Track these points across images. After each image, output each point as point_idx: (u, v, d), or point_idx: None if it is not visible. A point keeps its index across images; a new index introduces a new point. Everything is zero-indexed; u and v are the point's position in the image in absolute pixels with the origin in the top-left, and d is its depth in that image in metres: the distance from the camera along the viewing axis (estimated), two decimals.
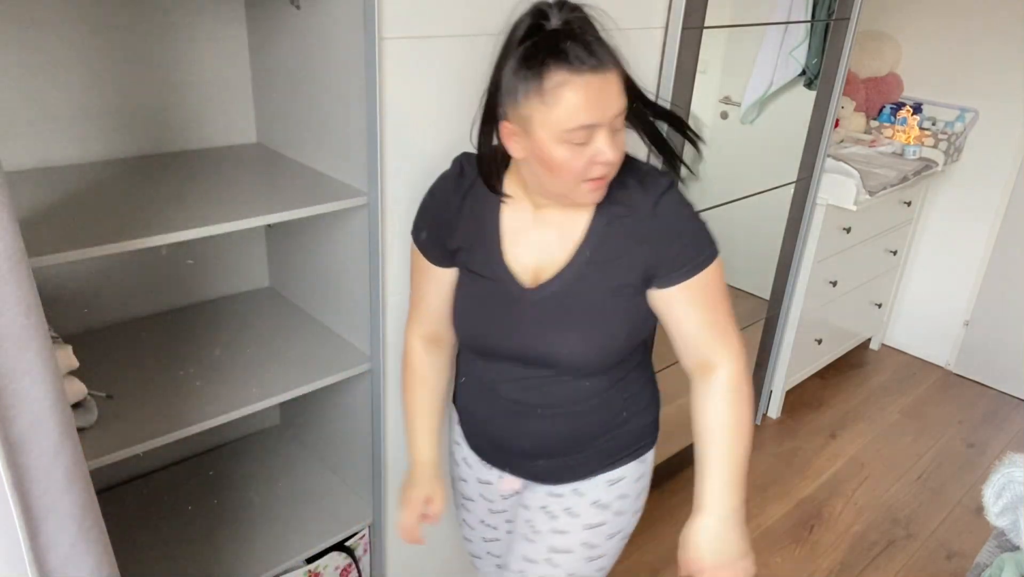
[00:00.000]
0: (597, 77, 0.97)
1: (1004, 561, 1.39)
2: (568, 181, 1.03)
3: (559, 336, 1.13)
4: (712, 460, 1.12)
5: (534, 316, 1.14)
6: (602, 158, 1.00)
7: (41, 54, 1.34)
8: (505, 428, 1.25)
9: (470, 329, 1.22)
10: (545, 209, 1.13)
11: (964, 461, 2.81)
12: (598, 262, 1.11)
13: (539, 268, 1.15)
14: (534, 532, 1.29)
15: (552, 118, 0.97)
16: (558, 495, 1.28)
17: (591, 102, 0.97)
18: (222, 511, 1.63)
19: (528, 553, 1.29)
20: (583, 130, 0.98)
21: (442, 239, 1.20)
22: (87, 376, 1.25)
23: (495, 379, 1.23)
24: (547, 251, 1.14)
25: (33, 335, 0.78)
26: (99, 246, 1.09)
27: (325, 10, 1.34)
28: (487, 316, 1.19)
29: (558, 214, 1.13)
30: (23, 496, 0.80)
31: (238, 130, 1.65)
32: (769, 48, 2.27)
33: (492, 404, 1.25)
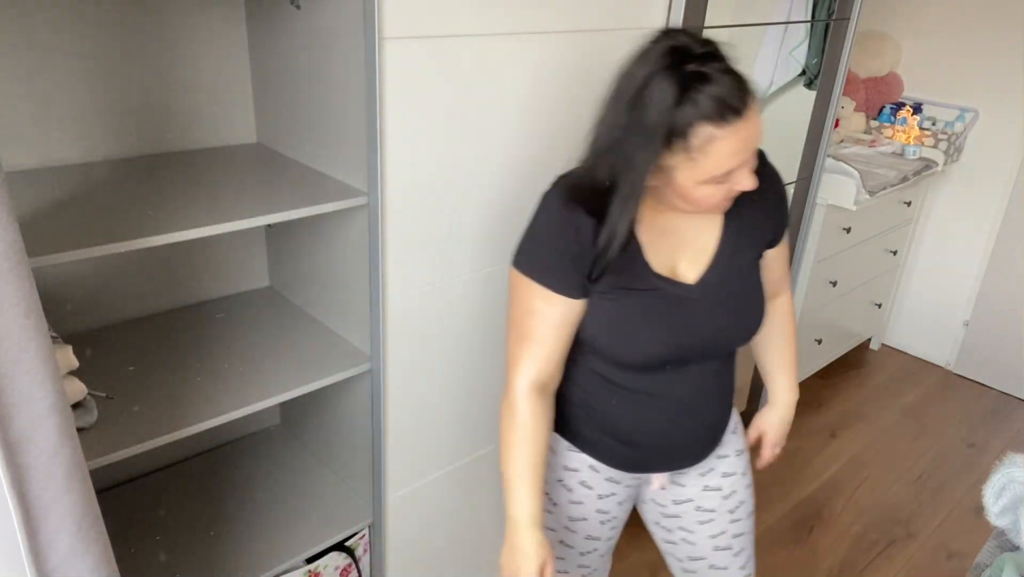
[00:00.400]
0: (742, 122, 0.99)
1: (1004, 561, 1.39)
2: (705, 208, 1.10)
3: (737, 319, 1.21)
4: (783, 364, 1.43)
5: (708, 309, 1.19)
6: (740, 188, 1.06)
7: (41, 54, 1.34)
8: (670, 430, 1.27)
9: (642, 345, 1.18)
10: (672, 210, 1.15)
11: (964, 461, 2.81)
12: (741, 241, 1.21)
13: (689, 264, 1.19)
14: (707, 512, 1.40)
15: (698, 169, 1.02)
16: (709, 469, 1.37)
17: (738, 149, 1.01)
18: (222, 511, 1.63)
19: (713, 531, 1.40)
20: (728, 172, 1.03)
21: (578, 268, 1.14)
22: (87, 376, 1.25)
23: (659, 387, 1.23)
24: (692, 245, 1.19)
25: (33, 335, 0.78)
26: (99, 246, 1.09)
27: (325, 10, 1.34)
28: (658, 325, 1.17)
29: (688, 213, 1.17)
30: (23, 496, 0.80)
31: (238, 130, 1.65)
32: (769, 48, 2.27)
33: (653, 412, 1.25)
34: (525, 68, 1.50)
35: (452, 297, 1.58)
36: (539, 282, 1.15)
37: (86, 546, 0.89)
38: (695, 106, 0.97)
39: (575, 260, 1.13)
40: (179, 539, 1.55)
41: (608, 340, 1.20)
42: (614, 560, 1.57)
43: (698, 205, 1.09)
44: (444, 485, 1.77)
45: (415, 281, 1.49)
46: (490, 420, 1.81)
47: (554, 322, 1.17)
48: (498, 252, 1.63)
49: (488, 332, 1.69)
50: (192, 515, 1.61)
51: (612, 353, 1.21)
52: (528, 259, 1.18)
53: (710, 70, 0.98)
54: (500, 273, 1.66)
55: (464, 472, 1.81)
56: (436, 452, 1.71)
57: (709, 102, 0.97)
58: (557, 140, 1.64)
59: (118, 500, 1.63)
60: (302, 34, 1.42)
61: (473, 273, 1.60)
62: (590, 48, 1.61)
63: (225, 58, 1.57)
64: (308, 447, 1.83)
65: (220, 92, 1.59)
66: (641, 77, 1.01)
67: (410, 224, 1.44)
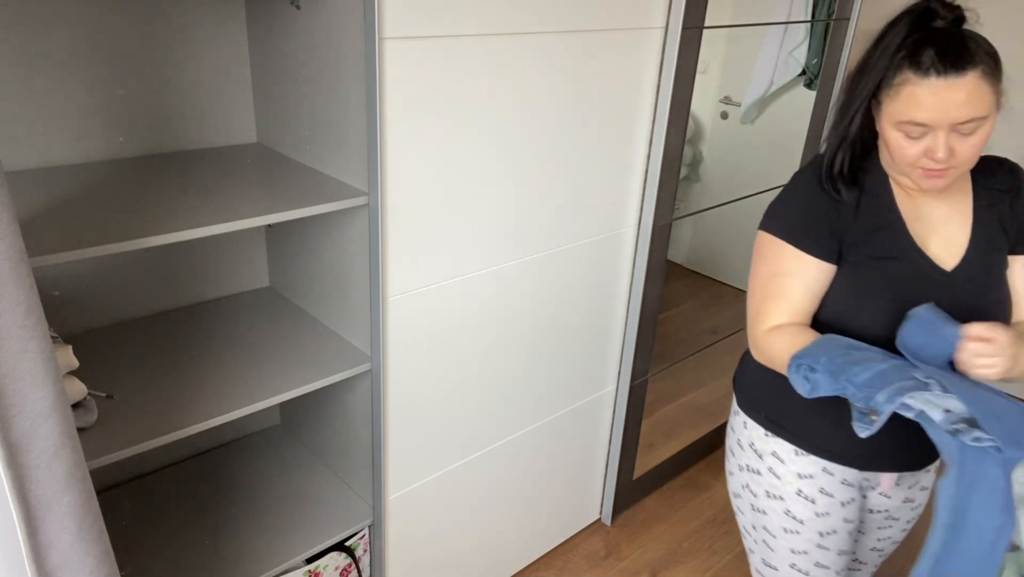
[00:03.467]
0: (942, 82, 1.05)
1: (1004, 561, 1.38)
2: (900, 164, 1.14)
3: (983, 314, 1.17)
4: None
5: (958, 296, 1.18)
6: (932, 155, 1.09)
7: (41, 54, 1.34)
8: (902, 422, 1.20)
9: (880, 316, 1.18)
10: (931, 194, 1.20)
11: None
12: (989, 239, 1.21)
13: (943, 250, 1.21)
14: (892, 520, 1.40)
15: (892, 108, 1.10)
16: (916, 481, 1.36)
17: (927, 104, 1.06)
18: (222, 511, 1.63)
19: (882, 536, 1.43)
20: (916, 126, 1.09)
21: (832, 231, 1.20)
22: (87, 376, 1.25)
23: None
24: (942, 233, 1.21)
25: (33, 335, 0.78)
26: (99, 246, 1.09)
27: (325, 10, 1.34)
28: (905, 302, 1.15)
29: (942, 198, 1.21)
30: (23, 496, 0.80)
31: (238, 130, 1.65)
32: (769, 48, 2.27)
33: None
34: (525, 68, 1.50)
35: (452, 297, 1.58)
36: (792, 243, 1.21)
37: (86, 546, 0.89)
38: (909, 51, 1.08)
39: (828, 223, 1.20)
40: (179, 539, 1.55)
41: (853, 312, 1.20)
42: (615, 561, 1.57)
43: (894, 158, 1.14)
44: (444, 485, 1.77)
45: (415, 281, 1.49)
46: (490, 420, 1.81)
47: (805, 282, 1.21)
48: (498, 252, 1.63)
49: (488, 331, 1.69)
50: (192, 515, 1.61)
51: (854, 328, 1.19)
52: (781, 223, 1.23)
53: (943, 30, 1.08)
54: (500, 273, 1.66)
55: (464, 472, 1.81)
56: (436, 452, 1.71)
57: (919, 52, 1.06)
58: (557, 140, 1.64)
59: (118, 500, 1.63)
60: (302, 34, 1.42)
61: (473, 273, 1.60)
62: (590, 48, 1.61)
63: (225, 58, 1.57)
64: (308, 447, 1.83)
65: (220, 92, 1.59)
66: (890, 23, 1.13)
67: (410, 224, 1.44)
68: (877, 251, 1.19)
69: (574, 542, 2.28)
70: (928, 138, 1.09)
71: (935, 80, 1.05)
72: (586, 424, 2.12)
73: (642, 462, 2.37)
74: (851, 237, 1.19)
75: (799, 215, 1.22)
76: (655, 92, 1.81)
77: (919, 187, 1.17)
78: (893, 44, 1.09)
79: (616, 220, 1.89)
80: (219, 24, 1.54)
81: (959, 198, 1.22)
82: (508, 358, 1.78)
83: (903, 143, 1.11)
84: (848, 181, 1.20)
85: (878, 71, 1.11)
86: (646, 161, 1.88)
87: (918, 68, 1.06)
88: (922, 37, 1.07)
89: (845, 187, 1.20)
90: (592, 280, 1.91)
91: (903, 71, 1.08)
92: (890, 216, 1.20)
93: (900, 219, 1.20)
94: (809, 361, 1.09)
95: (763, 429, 1.33)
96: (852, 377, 1.06)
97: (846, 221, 1.20)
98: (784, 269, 1.21)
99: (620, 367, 2.13)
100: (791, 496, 1.31)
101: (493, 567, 2.07)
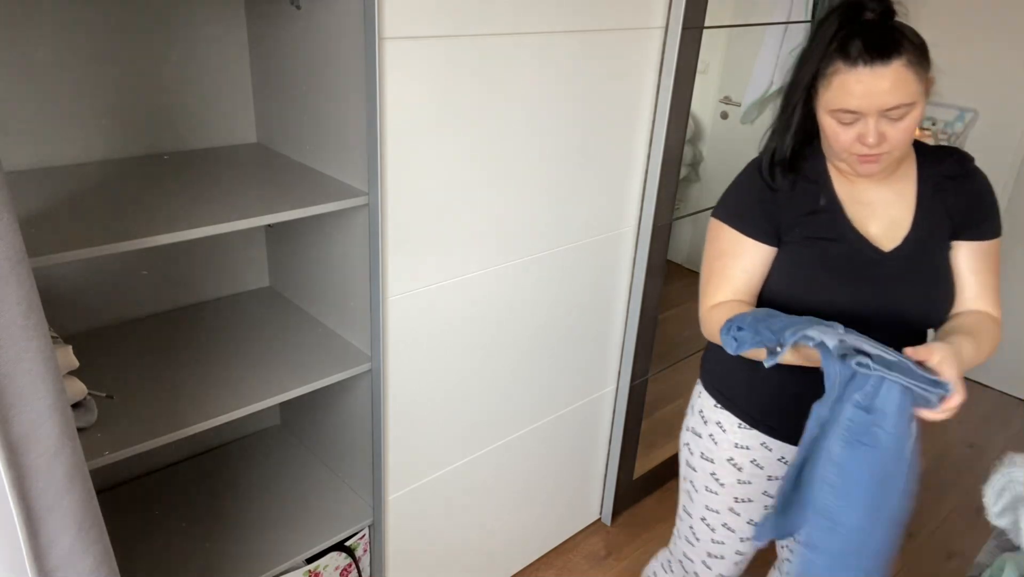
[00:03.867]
0: (869, 71, 1.11)
1: (1004, 561, 1.38)
2: (837, 150, 1.20)
3: (920, 300, 1.23)
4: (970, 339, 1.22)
5: (895, 279, 1.23)
6: (863, 140, 1.15)
7: (41, 54, 1.34)
8: None
9: (819, 294, 1.25)
10: (872, 179, 1.26)
11: (964, 461, 2.81)
12: (932, 224, 1.25)
13: (883, 232, 1.26)
14: None
15: (825, 97, 1.17)
16: None
17: (855, 92, 1.12)
18: (222, 511, 1.63)
19: None
20: (848, 113, 1.15)
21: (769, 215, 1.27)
22: (87, 376, 1.25)
23: None
24: (885, 217, 1.26)
25: (33, 335, 0.78)
26: (99, 246, 1.09)
27: (325, 10, 1.34)
28: (843, 280, 1.24)
29: (885, 184, 1.26)
30: (23, 496, 0.80)
31: (238, 130, 1.65)
32: (769, 48, 2.27)
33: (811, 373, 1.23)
34: (525, 68, 1.50)
35: (452, 297, 1.58)
36: (733, 227, 1.29)
37: (86, 546, 0.89)
38: (839, 43, 1.14)
39: (765, 207, 1.27)
40: (179, 539, 1.55)
41: (790, 291, 1.27)
42: (615, 561, 1.57)
43: (831, 145, 1.21)
44: (444, 485, 1.77)
45: (415, 281, 1.49)
46: (490, 420, 1.81)
47: (744, 262, 1.29)
48: (498, 251, 1.63)
49: (488, 332, 1.69)
50: (192, 515, 1.61)
51: (793, 306, 1.26)
52: (724, 208, 1.32)
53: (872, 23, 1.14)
54: (500, 272, 1.66)
55: (464, 472, 1.81)
56: (436, 452, 1.71)
57: (848, 43, 1.13)
58: (557, 139, 1.64)
59: (118, 500, 1.63)
60: (302, 34, 1.42)
61: (473, 273, 1.60)
62: (590, 48, 1.61)
63: (225, 58, 1.57)
64: (308, 447, 1.83)
65: (220, 92, 1.59)
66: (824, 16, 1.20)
67: (410, 224, 1.44)
68: (813, 232, 1.26)
69: (574, 542, 2.28)
70: (859, 124, 1.15)
71: (863, 69, 1.11)
72: (586, 424, 2.12)
73: (642, 462, 2.37)
74: (787, 220, 1.27)
75: (739, 200, 1.31)
76: (655, 92, 1.81)
77: (856, 172, 1.22)
78: (826, 37, 1.16)
79: (616, 220, 1.89)
80: (219, 24, 1.54)
81: (903, 184, 1.27)
82: (508, 358, 1.78)
83: (837, 129, 1.18)
84: (787, 168, 1.27)
85: (813, 62, 1.17)
86: (646, 161, 1.88)
87: (847, 58, 1.13)
88: (852, 29, 1.14)
89: (782, 173, 1.27)
90: (592, 280, 1.91)
91: (834, 62, 1.14)
92: (828, 199, 1.26)
93: (838, 202, 1.26)
94: (737, 322, 1.16)
95: (714, 400, 1.43)
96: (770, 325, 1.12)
97: (781, 205, 1.27)
98: (727, 250, 1.30)
99: (620, 367, 2.13)
100: (721, 461, 1.43)
101: (493, 567, 2.07)
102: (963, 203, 1.26)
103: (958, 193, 1.26)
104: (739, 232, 1.29)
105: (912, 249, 1.25)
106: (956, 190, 1.26)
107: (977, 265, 1.27)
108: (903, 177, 1.27)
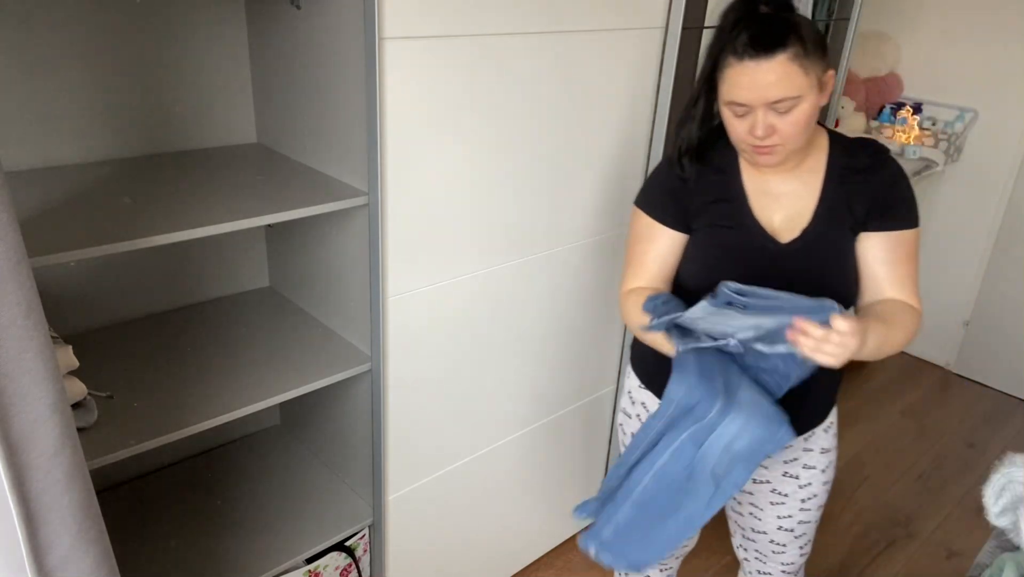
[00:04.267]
0: (754, 64, 1.14)
1: (1004, 561, 1.38)
2: (735, 141, 1.24)
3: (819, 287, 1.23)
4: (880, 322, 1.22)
5: (791, 268, 1.26)
6: (753, 131, 1.19)
7: (41, 54, 1.34)
8: None
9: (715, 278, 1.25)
10: (780, 171, 1.28)
11: (964, 461, 2.81)
12: (836, 219, 1.27)
13: (785, 224, 1.28)
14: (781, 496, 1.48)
15: (721, 90, 1.21)
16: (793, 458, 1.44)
17: (742, 85, 1.16)
18: (222, 511, 1.63)
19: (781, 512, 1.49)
20: (738, 106, 1.18)
21: (679, 203, 1.32)
22: (87, 376, 1.25)
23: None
24: (789, 209, 1.28)
25: (33, 335, 0.78)
26: (99, 246, 1.09)
27: (325, 10, 1.34)
28: (737, 268, 1.26)
29: (793, 176, 1.28)
30: (23, 496, 0.80)
31: (238, 130, 1.65)
32: None
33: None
34: (525, 68, 1.50)
35: (452, 297, 1.58)
36: (647, 213, 1.36)
37: (86, 546, 0.89)
38: (732, 36, 1.17)
39: (674, 195, 1.33)
40: (179, 539, 1.55)
41: (696, 276, 1.33)
42: None
43: (730, 135, 1.24)
44: (444, 485, 1.77)
45: (415, 281, 1.49)
46: (490, 420, 1.81)
47: (656, 248, 1.35)
48: (498, 251, 1.63)
49: (488, 332, 1.69)
50: (192, 515, 1.61)
51: (699, 290, 1.28)
52: (641, 196, 1.39)
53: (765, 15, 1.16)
54: (500, 272, 1.66)
55: (464, 472, 1.81)
56: (436, 452, 1.71)
57: (739, 36, 1.15)
58: (557, 139, 1.64)
59: (118, 500, 1.63)
60: (302, 34, 1.42)
61: (473, 273, 1.60)
62: (590, 48, 1.61)
63: (225, 58, 1.57)
64: (308, 447, 1.83)
65: (220, 92, 1.59)
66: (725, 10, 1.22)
67: (410, 224, 1.44)
68: (716, 220, 1.30)
69: (574, 542, 2.28)
70: (750, 116, 1.18)
71: (748, 62, 1.14)
72: (586, 424, 2.12)
73: None
74: (694, 208, 1.32)
75: (654, 189, 1.37)
76: (655, 92, 1.81)
77: (754, 162, 1.26)
78: (725, 30, 1.18)
79: (616, 220, 1.89)
80: (219, 24, 1.54)
81: (810, 176, 1.29)
82: (508, 358, 1.78)
83: (732, 121, 1.21)
84: (694, 158, 1.31)
85: (712, 56, 1.21)
86: (646, 160, 1.88)
87: (735, 52, 1.16)
88: (745, 23, 1.16)
89: (689, 163, 1.31)
90: (592, 280, 1.91)
91: (726, 55, 1.17)
92: (733, 189, 1.30)
93: (742, 192, 1.30)
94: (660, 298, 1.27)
95: (639, 381, 1.48)
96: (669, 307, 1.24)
97: (689, 193, 1.32)
98: (642, 236, 1.37)
99: (620, 367, 2.13)
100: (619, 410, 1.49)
101: (493, 567, 2.07)
102: (870, 195, 1.26)
103: (866, 184, 1.27)
104: (652, 219, 1.35)
105: (809, 241, 1.27)
106: (864, 182, 1.27)
107: (890, 256, 1.27)
108: (811, 169, 1.29)
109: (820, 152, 1.29)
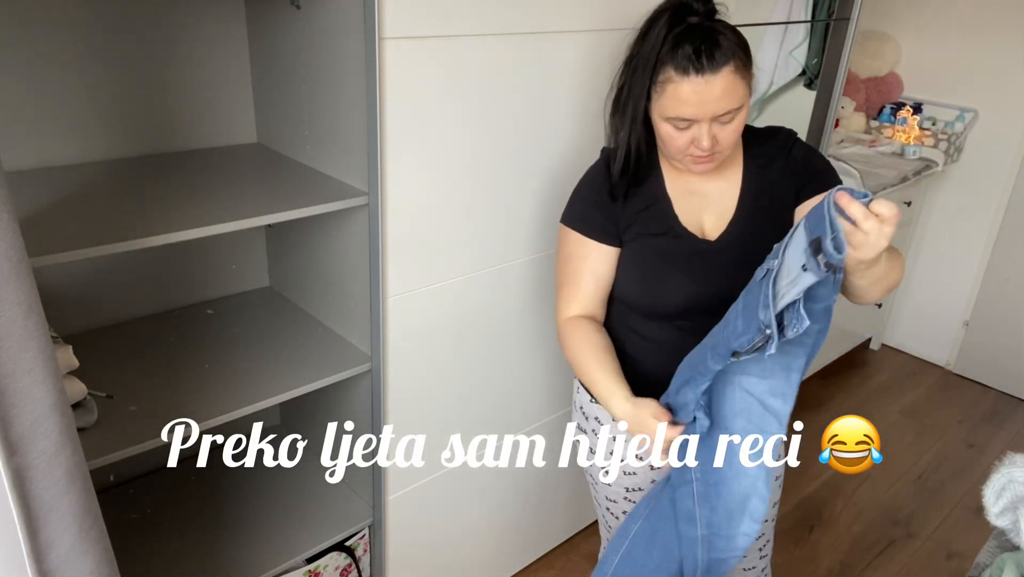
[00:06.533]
0: (701, 80, 1.12)
1: (1004, 561, 1.38)
2: (672, 152, 1.23)
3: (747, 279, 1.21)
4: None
5: (723, 263, 1.26)
6: (698, 144, 1.18)
7: (41, 54, 1.34)
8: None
9: (654, 288, 1.28)
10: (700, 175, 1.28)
11: (964, 461, 2.81)
12: (761, 207, 1.28)
13: (714, 221, 1.29)
14: None
15: (659, 104, 1.18)
16: None
17: (686, 99, 1.14)
18: (222, 511, 1.62)
19: None
20: (682, 120, 1.16)
21: (609, 216, 1.30)
22: (87, 376, 1.25)
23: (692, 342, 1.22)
24: (715, 207, 1.29)
25: (33, 335, 0.78)
26: (99, 246, 1.09)
27: (325, 10, 1.34)
28: (672, 272, 1.28)
29: (714, 172, 1.28)
30: (23, 496, 0.80)
31: (238, 130, 1.65)
32: (769, 48, 2.27)
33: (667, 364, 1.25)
34: (525, 68, 1.50)
35: (452, 297, 1.58)
36: (577, 230, 1.33)
37: (86, 546, 0.89)
38: (670, 49, 1.14)
39: (603, 209, 1.30)
40: (179, 539, 1.55)
41: (634, 288, 1.31)
42: None
43: (667, 148, 1.23)
44: (444, 485, 1.77)
45: (415, 281, 1.49)
46: (490, 420, 1.81)
47: (590, 264, 1.32)
48: (498, 251, 1.63)
49: (488, 332, 1.69)
50: (192, 515, 1.61)
51: (639, 301, 1.31)
52: (568, 212, 1.36)
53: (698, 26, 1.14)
54: (500, 272, 1.66)
55: (464, 472, 1.81)
56: (436, 452, 1.71)
57: (679, 50, 1.13)
58: (557, 138, 1.64)
59: (118, 500, 1.63)
60: (302, 34, 1.42)
61: (473, 272, 1.60)
62: (590, 48, 1.61)
63: (225, 58, 1.57)
64: (308, 447, 1.83)
65: (220, 92, 1.59)
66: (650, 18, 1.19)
67: (410, 224, 1.44)
68: (645, 229, 1.30)
69: (574, 542, 2.28)
70: (693, 129, 1.17)
71: (695, 78, 1.12)
72: None
73: None
74: (625, 219, 1.30)
75: (581, 204, 1.34)
76: None
77: (691, 171, 1.26)
78: (657, 42, 1.15)
79: None
80: (219, 24, 1.54)
81: (731, 172, 1.30)
82: (508, 358, 1.78)
83: (673, 134, 1.19)
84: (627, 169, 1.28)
85: (647, 69, 1.17)
86: None
87: (677, 67, 1.13)
88: (680, 35, 1.13)
89: (621, 176, 1.29)
90: None
91: (666, 70, 1.15)
92: (658, 196, 1.30)
93: (667, 198, 1.30)
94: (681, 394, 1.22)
95: (589, 396, 1.42)
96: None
97: (619, 205, 1.30)
98: (574, 253, 1.33)
99: None
100: (604, 454, 1.44)
101: (493, 567, 2.07)
102: (793, 171, 1.27)
103: (784, 164, 1.28)
104: (583, 235, 1.32)
105: (737, 234, 1.28)
106: (782, 162, 1.28)
107: None
108: (731, 165, 1.30)
109: (737, 146, 1.30)
